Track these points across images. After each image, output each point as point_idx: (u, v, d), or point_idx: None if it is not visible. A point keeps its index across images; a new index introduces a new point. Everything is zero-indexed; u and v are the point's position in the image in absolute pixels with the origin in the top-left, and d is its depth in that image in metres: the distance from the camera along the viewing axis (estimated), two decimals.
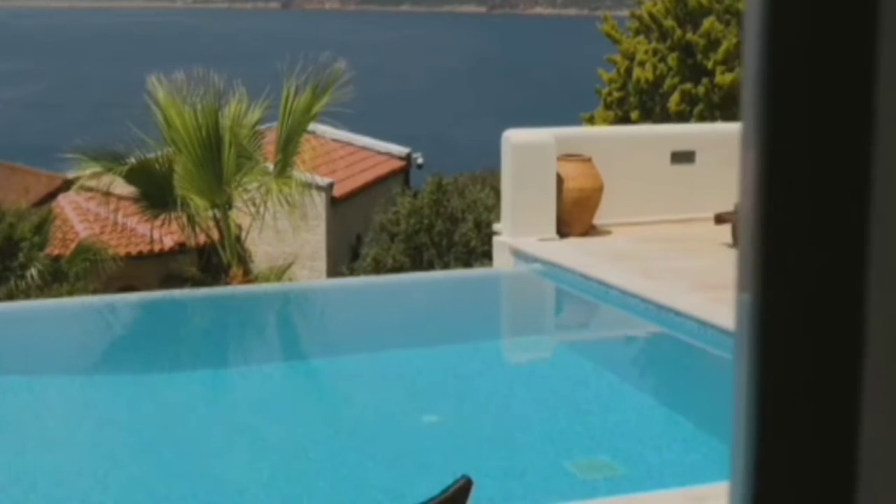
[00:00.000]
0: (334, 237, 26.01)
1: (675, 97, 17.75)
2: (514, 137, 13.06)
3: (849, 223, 1.07)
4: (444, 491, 5.01)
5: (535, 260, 12.33)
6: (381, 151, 31.16)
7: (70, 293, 16.75)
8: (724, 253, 12.44)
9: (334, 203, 26.09)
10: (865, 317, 1.08)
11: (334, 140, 29.10)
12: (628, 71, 19.20)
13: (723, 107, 17.22)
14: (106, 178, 14.61)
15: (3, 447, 8.42)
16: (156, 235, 16.74)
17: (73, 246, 19.69)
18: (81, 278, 17.87)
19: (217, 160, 14.38)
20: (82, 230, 22.07)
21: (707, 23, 17.68)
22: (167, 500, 7.39)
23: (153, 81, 14.60)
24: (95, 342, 11.79)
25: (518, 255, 12.60)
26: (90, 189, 15.50)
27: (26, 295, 16.98)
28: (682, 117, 17.53)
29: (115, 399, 9.59)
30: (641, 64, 18.77)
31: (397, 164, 30.78)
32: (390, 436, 8.52)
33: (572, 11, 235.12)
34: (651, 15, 18.98)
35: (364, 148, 31.02)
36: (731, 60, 17.30)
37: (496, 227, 13.43)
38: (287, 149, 14.75)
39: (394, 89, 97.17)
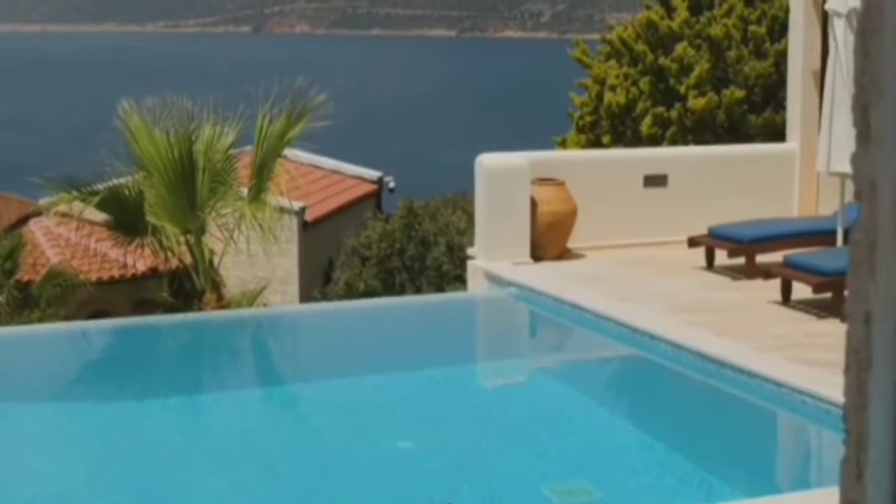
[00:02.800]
0: (306, 261, 25.98)
1: (647, 121, 17.80)
2: (488, 162, 13.06)
3: None
4: None
5: (509, 284, 12.32)
6: (352, 175, 31.19)
7: (41, 319, 16.66)
8: (697, 276, 12.47)
9: (306, 227, 26.07)
10: None
11: (306, 164, 29.18)
12: (599, 95, 19.25)
13: (695, 130, 17.27)
14: (78, 204, 14.54)
15: None
16: (128, 260, 16.66)
17: (43, 272, 19.60)
18: (52, 304, 17.79)
19: (191, 186, 14.34)
20: (53, 255, 21.97)
21: (679, 48, 17.74)
22: None
23: (125, 107, 14.55)
24: (67, 369, 11.70)
25: (492, 279, 12.59)
26: (61, 215, 15.41)
27: None
28: (654, 141, 17.57)
29: (88, 426, 9.53)
30: (613, 88, 18.81)
31: (369, 187, 30.80)
32: (366, 461, 8.48)
33: (542, 35, 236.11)
34: (622, 40, 19.03)
35: (336, 172, 31.04)
36: (703, 85, 17.35)
37: (470, 251, 13.41)
38: (262, 174, 14.73)
39: (365, 113, 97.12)
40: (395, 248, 21.60)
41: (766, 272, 11.29)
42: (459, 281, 18.79)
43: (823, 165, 12.33)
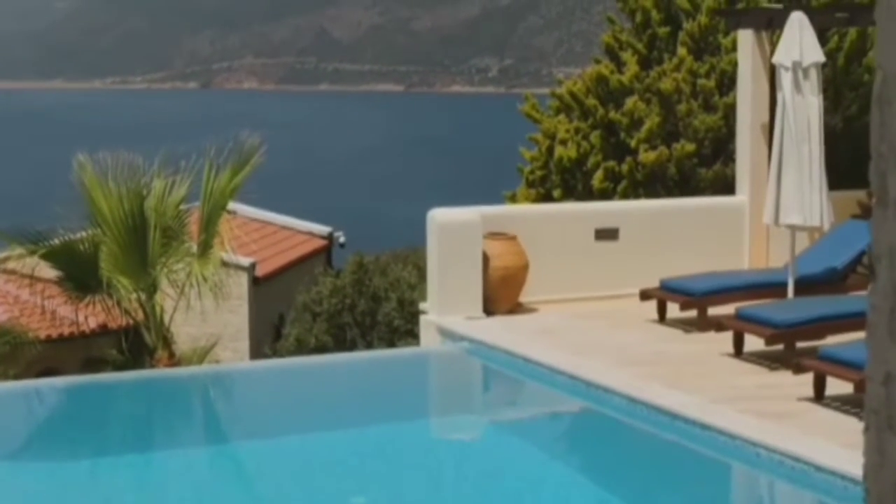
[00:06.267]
0: (257, 317, 25.86)
1: (598, 175, 17.86)
2: (440, 216, 13.08)
3: None
4: None
5: (462, 338, 12.31)
6: (302, 231, 31.14)
7: None
8: (650, 328, 12.50)
9: (257, 283, 25.97)
10: None
11: (256, 219, 29.12)
12: (550, 149, 19.29)
13: (646, 184, 17.34)
14: (29, 261, 14.43)
15: None
16: (79, 317, 16.50)
17: None
18: (1, 363, 17.59)
19: (143, 242, 14.27)
20: (1, 313, 21.76)
21: (630, 102, 17.84)
22: None
23: (80, 160, 14.50)
24: (17, 428, 11.56)
25: (445, 333, 12.58)
26: (10, 272, 15.28)
27: None
28: (605, 195, 17.62)
29: (39, 486, 9.41)
30: (563, 142, 18.86)
31: (319, 243, 30.75)
32: None
33: (489, 89, 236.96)
34: (572, 94, 19.10)
35: (286, 227, 30.98)
36: (653, 139, 17.44)
37: (422, 305, 13.41)
38: (208, 229, 14.67)
39: (314, 168, 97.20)
40: (346, 304, 21.56)
41: (718, 325, 11.33)
42: (411, 336, 18.76)
43: (771, 217, 12.42)
